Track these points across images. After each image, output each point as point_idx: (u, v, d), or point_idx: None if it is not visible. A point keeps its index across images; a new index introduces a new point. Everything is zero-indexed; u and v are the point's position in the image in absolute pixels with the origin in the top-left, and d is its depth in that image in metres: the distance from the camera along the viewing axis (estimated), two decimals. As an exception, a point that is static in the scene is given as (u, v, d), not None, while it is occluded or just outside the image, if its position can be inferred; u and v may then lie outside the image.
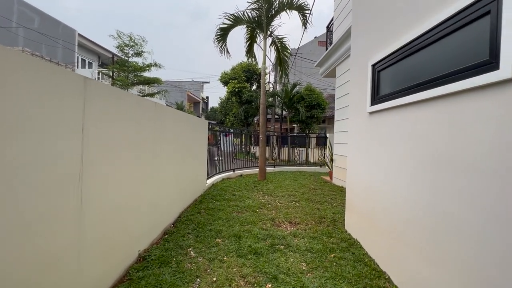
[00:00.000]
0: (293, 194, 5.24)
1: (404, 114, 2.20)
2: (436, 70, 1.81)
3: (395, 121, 2.34)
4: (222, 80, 19.16)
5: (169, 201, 3.36)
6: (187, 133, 4.07)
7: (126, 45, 13.47)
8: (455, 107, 1.63)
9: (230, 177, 7.52)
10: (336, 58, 6.89)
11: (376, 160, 2.71)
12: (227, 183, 6.31)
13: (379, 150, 2.64)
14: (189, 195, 4.30)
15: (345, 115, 6.41)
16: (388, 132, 2.47)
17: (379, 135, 2.64)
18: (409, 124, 2.13)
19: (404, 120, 2.20)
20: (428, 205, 1.85)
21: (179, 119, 3.67)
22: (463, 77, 1.53)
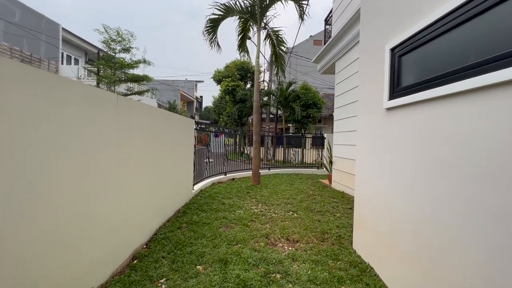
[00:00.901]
0: (290, 202, 4.68)
1: (441, 109, 1.65)
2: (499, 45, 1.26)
3: (426, 118, 1.79)
4: (215, 78, 18.54)
5: (141, 215, 2.76)
6: (167, 133, 3.47)
7: (113, 40, 12.73)
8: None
9: (221, 181, 6.92)
10: (336, 52, 6.36)
11: (397, 168, 2.16)
12: (217, 189, 5.71)
13: (401, 155, 2.09)
14: (170, 206, 3.70)
15: (346, 113, 5.88)
16: (415, 132, 1.92)
17: (402, 136, 2.09)
18: (449, 122, 1.58)
19: (441, 117, 1.65)
20: (485, 233, 1.30)
21: (154, 117, 3.07)
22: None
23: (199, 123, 5.45)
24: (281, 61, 7.67)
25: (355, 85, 5.39)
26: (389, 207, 2.25)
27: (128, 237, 2.46)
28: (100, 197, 1.99)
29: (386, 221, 2.29)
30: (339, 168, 6.23)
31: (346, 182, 5.80)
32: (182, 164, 4.20)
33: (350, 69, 5.68)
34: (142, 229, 2.78)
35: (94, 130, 1.90)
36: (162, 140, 3.29)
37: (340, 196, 5.36)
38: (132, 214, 2.52)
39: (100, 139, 1.96)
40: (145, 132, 2.78)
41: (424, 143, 1.81)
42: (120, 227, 2.32)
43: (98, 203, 1.96)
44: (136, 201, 2.61)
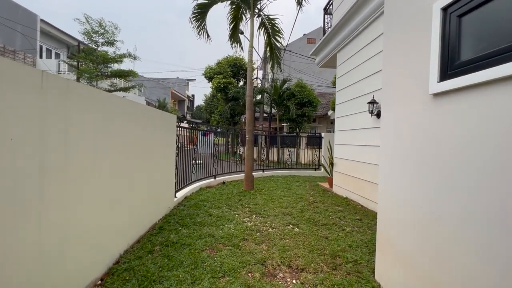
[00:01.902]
0: (289, 212, 4.00)
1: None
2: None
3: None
4: (206, 75, 17.73)
5: (95, 238, 2.02)
6: (136, 130, 2.74)
7: (95, 32, 11.80)
8: None
9: (210, 186, 6.20)
10: (338, 43, 5.71)
11: (451, 177, 1.50)
12: (205, 195, 4.99)
13: (464, 163, 1.42)
14: (141, 221, 2.96)
15: (350, 110, 5.24)
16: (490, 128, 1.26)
17: (465, 134, 1.43)
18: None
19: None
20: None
21: (117, 108, 2.33)
22: None
23: (180, 119, 4.71)
24: (277, 53, 6.99)
25: (361, 77, 4.76)
26: (434, 229, 1.59)
27: (68, 274, 1.73)
28: (29, 218, 1.25)
29: (431, 248, 1.63)
30: (342, 170, 5.59)
31: (350, 187, 5.17)
32: (159, 169, 3.47)
33: (355, 59, 5.04)
34: (95, 258, 2.05)
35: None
36: (130, 138, 2.55)
37: (345, 203, 4.71)
38: (80, 236, 1.79)
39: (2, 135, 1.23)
40: (99, 127, 2.05)
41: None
42: (58, 256, 1.59)
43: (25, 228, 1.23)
44: (89, 219, 1.88)
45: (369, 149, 4.46)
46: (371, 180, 4.39)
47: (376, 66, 4.25)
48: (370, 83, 4.46)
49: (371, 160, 4.40)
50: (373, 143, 4.35)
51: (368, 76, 4.54)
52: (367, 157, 4.53)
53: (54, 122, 1.57)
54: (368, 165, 4.49)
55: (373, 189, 4.32)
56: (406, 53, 1.95)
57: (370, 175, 4.42)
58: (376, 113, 4.20)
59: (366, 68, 4.61)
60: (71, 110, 1.71)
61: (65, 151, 1.66)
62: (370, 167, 4.43)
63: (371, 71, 4.42)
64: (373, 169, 4.34)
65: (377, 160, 4.22)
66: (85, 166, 1.88)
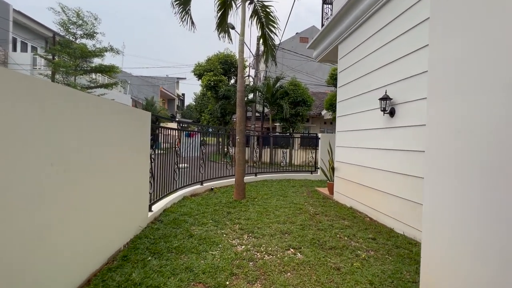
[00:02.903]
0: (288, 230, 3.31)
1: None
2: None
3: None
4: (195, 72, 16.87)
5: None
6: (95, 132, 2.00)
7: (72, 22, 10.82)
8: None
9: (196, 194, 5.46)
10: (340, 32, 5.08)
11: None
12: (188, 207, 4.26)
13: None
14: (95, 251, 2.22)
15: (356, 107, 4.61)
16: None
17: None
18: None
19: None
20: None
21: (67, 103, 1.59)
22: None
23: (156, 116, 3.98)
24: (271, 45, 6.31)
25: (369, 69, 4.13)
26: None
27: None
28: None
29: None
30: (344, 176, 4.96)
31: (354, 195, 4.54)
32: (124, 179, 2.73)
33: (361, 50, 4.41)
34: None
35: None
36: (81, 140, 1.81)
37: (350, 215, 4.08)
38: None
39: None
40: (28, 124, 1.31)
41: None
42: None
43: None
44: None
45: (380, 153, 3.83)
46: (382, 190, 3.76)
47: (390, 56, 3.63)
48: (381, 76, 3.84)
49: (382, 166, 3.77)
50: (384, 146, 3.72)
51: (378, 68, 3.91)
52: (377, 162, 3.91)
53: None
54: (378, 172, 3.86)
55: (384, 200, 3.70)
56: (478, 20, 1.29)
57: (381, 184, 3.79)
58: (389, 111, 3.58)
59: (375, 59, 3.98)
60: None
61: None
62: (381, 174, 3.80)
63: (382, 61, 3.79)
64: (385, 177, 3.71)
65: (390, 166, 3.59)
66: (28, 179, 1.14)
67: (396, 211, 3.48)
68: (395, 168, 3.50)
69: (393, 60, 3.56)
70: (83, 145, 1.96)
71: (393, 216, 3.54)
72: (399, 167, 3.42)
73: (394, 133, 3.53)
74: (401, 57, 3.43)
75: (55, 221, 1.70)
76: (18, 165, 1.40)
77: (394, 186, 3.53)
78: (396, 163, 3.48)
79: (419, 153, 3.07)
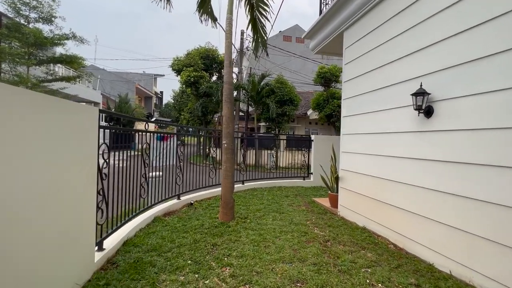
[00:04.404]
0: (299, 276, 2.35)
1: None
2: None
3: None
4: (174, 67, 15.48)
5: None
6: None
7: (24, 3, 9.16)
8: None
9: (171, 211, 4.37)
10: (349, 15, 4.22)
11: None
12: (159, 236, 3.18)
13: None
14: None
15: (369, 106, 3.77)
16: None
17: None
18: None
19: None
20: None
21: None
22: None
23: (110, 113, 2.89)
24: (262, 31, 5.34)
25: (393, 57, 3.29)
26: None
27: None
28: None
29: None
30: (354, 188, 4.12)
31: (370, 213, 3.70)
32: (47, 210, 1.64)
33: (379, 34, 3.57)
34: None
35: None
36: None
37: (370, 242, 3.22)
38: None
39: None
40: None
41: None
42: None
43: None
44: None
45: (409, 163, 3.00)
46: (413, 211, 2.94)
47: (427, 38, 2.80)
48: (411, 65, 3.01)
49: (413, 180, 2.94)
50: (417, 155, 2.89)
51: (406, 55, 3.08)
52: (404, 174, 3.08)
53: None
54: (406, 187, 3.03)
55: (417, 224, 2.87)
56: None
57: (412, 203, 2.97)
58: (425, 110, 2.75)
59: (402, 44, 3.15)
60: None
61: None
62: (411, 191, 2.97)
63: (414, 46, 2.96)
64: (417, 194, 2.89)
65: (426, 181, 2.77)
66: None
67: (436, 240, 2.66)
68: (434, 185, 2.68)
69: (432, 43, 2.73)
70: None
71: (430, 246, 2.72)
72: (441, 184, 2.60)
73: (433, 139, 2.71)
74: (443, 39, 2.61)
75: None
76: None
77: (432, 208, 2.71)
78: (437, 178, 2.66)
79: (478, 167, 2.25)
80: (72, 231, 2.00)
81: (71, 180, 1.94)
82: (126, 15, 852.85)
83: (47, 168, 1.67)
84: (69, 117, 1.91)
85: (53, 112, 1.74)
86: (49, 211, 1.72)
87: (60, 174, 1.81)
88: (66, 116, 1.87)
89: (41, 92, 2.03)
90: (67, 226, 1.92)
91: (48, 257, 1.72)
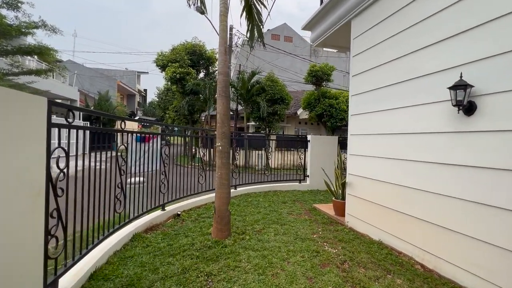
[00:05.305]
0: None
1: None
2: None
3: None
4: (158, 63, 14.59)
5: None
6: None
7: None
8: None
9: (154, 225, 3.71)
10: (357, 2, 3.74)
11: None
12: (137, 262, 2.53)
13: None
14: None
15: (386, 102, 3.29)
16: None
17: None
18: None
19: None
20: None
21: None
22: None
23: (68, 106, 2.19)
24: (257, 19, 4.76)
25: (419, 45, 2.81)
26: None
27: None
28: None
29: None
30: (367, 196, 3.64)
31: (388, 226, 3.22)
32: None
33: (399, 19, 3.10)
34: None
35: None
36: None
37: (393, 261, 2.74)
38: None
39: None
40: None
41: None
42: None
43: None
44: None
45: (443, 170, 2.53)
46: (447, 226, 2.47)
47: (467, 19, 2.33)
48: (444, 53, 2.54)
49: (447, 190, 2.47)
50: (454, 160, 2.43)
51: (437, 42, 2.60)
52: (435, 183, 2.61)
53: None
54: (437, 198, 2.57)
55: (453, 243, 2.41)
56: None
57: (443, 217, 2.50)
58: (466, 106, 2.28)
59: (432, 29, 2.68)
60: None
61: None
62: (443, 202, 2.51)
63: (449, 30, 2.49)
64: (455, 207, 2.42)
65: (468, 192, 2.30)
66: None
67: (479, 264, 2.20)
68: (479, 197, 2.22)
69: (476, 25, 2.26)
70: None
71: (471, 270, 2.26)
72: (488, 196, 2.14)
73: (476, 141, 2.25)
74: (492, 19, 2.15)
75: None
76: None
77: (475, 224, 2.25)
78: (481, 188, 2.20)
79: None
80: (3, 275, 1.35)
81: (14, 197, 1.28)
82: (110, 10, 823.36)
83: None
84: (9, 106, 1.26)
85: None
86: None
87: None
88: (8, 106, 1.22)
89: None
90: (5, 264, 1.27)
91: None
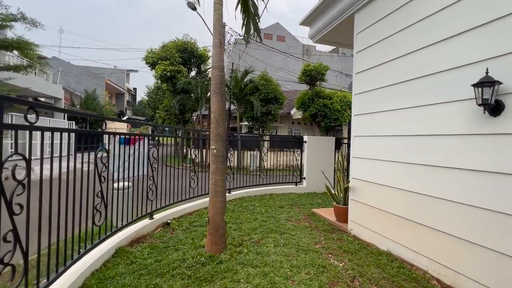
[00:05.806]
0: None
1: None
2: None
3: None
4: (148, 60, 14.08)
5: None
6: None
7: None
8: None
9: (141, 236, 3.34)
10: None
11: None
12: (119, 282, 2.18)
13: None
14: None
15: (395, 102, 3.04)
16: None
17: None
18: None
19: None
20: None
21: None
22: None
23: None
24: (253, 12, 4.45)
25: (436, 38, 2.57)
26: None
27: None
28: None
29: None
30: (370, 202, 3.39)
31: (397, 235, 2.97)
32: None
33: (413, 8, 2.85)
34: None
35: None
36: None
37: (407, 277, 2.48)
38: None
39: None
40: None
41: None
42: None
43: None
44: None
45: (465, 176, 2.28)
46: (470, 239, 2.22)
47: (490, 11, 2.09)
48: (469, 44, 2.29)
49: (468, 199, 2.23)
50: (479, 166, 2.18)
51: (463, 32, 2.34)
52: (453, 191, 2.36)
53: None
54: (457, 207, 2.32)
55: (478, 258, 2.17)
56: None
57: (464, 228, 2.26)
58: (492, 105, 2.03)
59: (448, 20, 2.43)
60: None
61: None
62: (464, 212, 2.26)
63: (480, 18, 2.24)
64: (472, 217, 2.18)
65: (495, 201, 2.06)
66: None
67: (505, 281, 1.96)
68: (504, 207, 1.98)
69: (504, 14, 2.02)
70: None
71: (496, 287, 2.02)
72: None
73: (505, 145, 2.00)
74: None
75: None
76: None
77: (501, 237, 2.01)
78: (507, 197, 1.96)
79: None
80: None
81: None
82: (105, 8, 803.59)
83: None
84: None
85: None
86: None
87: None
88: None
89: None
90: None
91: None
